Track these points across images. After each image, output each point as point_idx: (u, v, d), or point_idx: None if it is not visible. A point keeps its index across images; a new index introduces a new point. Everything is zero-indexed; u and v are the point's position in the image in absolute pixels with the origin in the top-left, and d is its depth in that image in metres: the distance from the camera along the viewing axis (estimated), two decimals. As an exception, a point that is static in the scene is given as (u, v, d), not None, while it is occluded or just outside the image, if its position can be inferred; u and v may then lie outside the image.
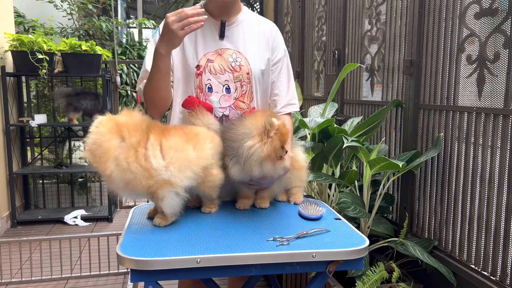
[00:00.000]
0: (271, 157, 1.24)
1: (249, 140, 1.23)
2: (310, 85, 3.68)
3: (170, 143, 1.23)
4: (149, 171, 1.18)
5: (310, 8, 3.62)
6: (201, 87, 1.48)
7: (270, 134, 1.23)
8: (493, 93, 1.62)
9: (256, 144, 1.22)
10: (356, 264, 1.15)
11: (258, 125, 1.25)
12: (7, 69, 3.65)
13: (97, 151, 1.16)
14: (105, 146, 1.15)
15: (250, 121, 1.27)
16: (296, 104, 1.63)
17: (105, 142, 1.16)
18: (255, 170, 1.24)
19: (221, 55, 1.49)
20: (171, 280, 1.11)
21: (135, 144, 1.18)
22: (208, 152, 1.29)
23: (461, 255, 1.78)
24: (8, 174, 3.65)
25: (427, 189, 2.00)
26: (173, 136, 1.25)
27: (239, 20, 1.55)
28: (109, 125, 1.18)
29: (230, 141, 1.28)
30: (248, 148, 1.22)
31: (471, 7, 1.72)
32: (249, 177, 1.31)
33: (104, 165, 1.16)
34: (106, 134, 1.17)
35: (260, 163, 1.23)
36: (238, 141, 1.25)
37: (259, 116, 1.28)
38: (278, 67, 1.59)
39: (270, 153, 1.23)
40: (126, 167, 1.16)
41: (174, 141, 1.24)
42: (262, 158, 1.22)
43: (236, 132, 1.27)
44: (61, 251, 2.65)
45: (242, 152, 1.22)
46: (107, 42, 5.57)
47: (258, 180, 1.33)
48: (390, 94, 2.31)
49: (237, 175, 1.29)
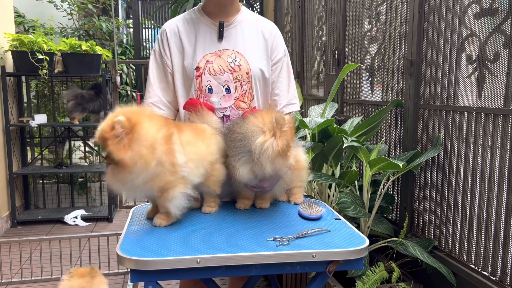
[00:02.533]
0: (284, 152, 1.23)
1: (259, 136, 1.21)
2: (310, 85, 3.68)
3: (187, 138, 1.23)
4: (174, 167, 1.16)
5: (310, 8, 3.62)
6: (201, 89, 1.48)
7: (283, 128, 1.23)
8: (493, 93, 1.62)
9: (269, 139, 1.21)
10: (356, 264, 1.15)
11: (266, 121, 1.24)
12: (7, 69, 3.65)
13: (145, 142, 1.11)
14: (153, 137, 1.12)
15: (257, 119, 1.26)
16: (296, 103, 1.63)
17: (154, 133, 1.13)
18: (268, 167, 1.22)
19: (220, 56, 1.49)
20: (171, 280, 1.11)
21: (166, 138, 1.16)
22: (214, 147, 1.32)
23: (461, 255, 1.78)
24: (8, 174, 3.65)
25: (427, 189, 2.00)
26: (187, 131, 1.25)
27: (237, 20, 1.55)
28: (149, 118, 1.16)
29: (237, 141, 1.27)
30: (260, 145, 1.20)
31: (471, 7, 1.72)
32: (256, 179, 1.29)
33: (150, 157, 1.11)
34: (153, 126, 1.14)
35: (272, 160, 1.21)
36: (246, 139, 1.23)
37: (265, 113, 1.27)
38: (278, 67, 1.59)
39: (284, 148, 1.22)
40: (163, 160, 1.14)
41: (188, 136, 1.24)
42: (276, 154, 1.21)
43: (244, 130, 1.26)
44: (61, 251, 2.65)
45: (254, 149, 1.20)
46: (107, 42, 5.58)
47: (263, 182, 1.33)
48: (390, 94, 2.31)
49: (245, 175, 1.26)
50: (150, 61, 1.56)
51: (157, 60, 1.54)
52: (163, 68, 1.53)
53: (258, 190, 1.40)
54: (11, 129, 3.67)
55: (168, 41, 1.52)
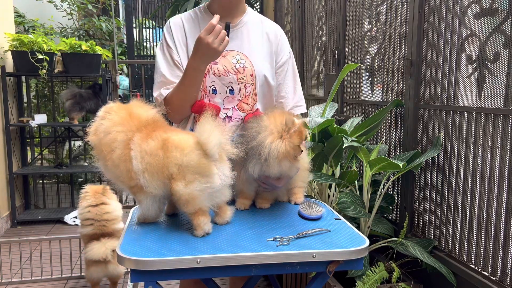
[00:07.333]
0: (290, 155, 1.25)
1: (269, 137, 1.24)
2: (310, 85, 3.68)
3: (149, 148, 1.14)
4: (130, 173, 1.15)
5: (310, 8, 3.62)
6: (206, 89, 1.48)
7: (290, 131, 1.24)
8: (493, 93, 1.62)
9: (276, 140, 1.23)
10: (356, 264, 1.15)
11: (277, 123, 1.26)
12: (7, 69, 3.65)
13: (105, 139, 1.13)
14: (113, 136, 1.13)
15: (269, 120, 1.28)
16: (303, 105, 1.63)
17: (115, 132, 1.13)
18: (275, 168, 1.25)
19: (225, 56, 1.49)
20: (171, 280, 1.11)
21: (125, 143, 1.15)
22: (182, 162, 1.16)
23: (461, 255, 1.78)
24: (8, 174, 3.65)
25: (427, 189, 2.00)
26: (153, 140, 1.16)
27: (243, 22, 1.55)
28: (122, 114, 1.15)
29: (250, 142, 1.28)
30: (269, 145, 1.22)
31: (471, 7, 1.72)
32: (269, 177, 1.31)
33: (108, 155, 1.12)
34: (118, 125, 1.14)
35: (279, 161, 1.23)
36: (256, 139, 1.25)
37: (277, 115, 1.29)
38: (284, 69, 1.59)
39: (289, 150, 1.23)
40: (118, 163, 1.14)
41: (152, 145, 1.15)
42: (282, 155, 1.22)
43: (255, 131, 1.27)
44: (61, 251, 2.65)
45: (264, 148, 1.22)
46: (107, 42, 5.57)
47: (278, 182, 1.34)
48: (390, 94, 2.31)
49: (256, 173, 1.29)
50: (157, 55, 1.54)
51: (164, 52, 1.52)
52: (171, 59, 1.52)
53: (269, 189, 1.40)
54: (11, 129, 3.67)
55: (173, 35, 1.52)
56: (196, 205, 1.13)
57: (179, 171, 1.12)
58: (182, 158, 1.12)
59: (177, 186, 1.12)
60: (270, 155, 1.22)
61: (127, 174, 1.15)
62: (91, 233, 2.20)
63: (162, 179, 1.15)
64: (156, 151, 1.14)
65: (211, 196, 1.15)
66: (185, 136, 1.18)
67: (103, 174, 1.23)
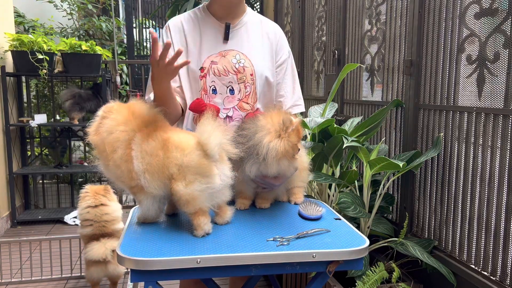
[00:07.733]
0: (289, 154, 1.25)
1: (266, 136, 1.24)
2: (310, 85, 3.68)
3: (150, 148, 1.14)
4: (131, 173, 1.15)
5: (310, 8, 3.62)
6: (206, 89, 1.48)
7: (288, 130, 1.24)
8: (493, 93, 1.62)
9: (274, 139, 1.23)
10: (356, 264, 1.15)
11: (274, 122, 1.26)
12: (7, 69, 3.65)
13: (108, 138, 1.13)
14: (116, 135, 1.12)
15: (266, 119, 1.28)
16: (301, 105, 1.64)
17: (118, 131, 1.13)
18: (273, 167, 1.25)
19: (225, 56, 1.49)
20: (171, 280, 1.11)
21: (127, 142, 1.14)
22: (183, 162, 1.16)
23: (461, 255, 1.78)
24: (8, 174, 3.65)
25: (427, 189, 2.00)
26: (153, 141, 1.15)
27: (243, 22, 1.55)
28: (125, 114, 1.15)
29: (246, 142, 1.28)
30: (267, 144, 1.22)
31: (471, 7, 1.72)
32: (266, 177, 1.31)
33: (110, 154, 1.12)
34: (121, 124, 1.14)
35: (278, 160, 1.24)
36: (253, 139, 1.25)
37: (274, 115, 1.29)
38: (283, 69, 1.59)
39: (287, 149, 1.24)
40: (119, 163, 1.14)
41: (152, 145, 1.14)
42: (281, 154, 1.23)
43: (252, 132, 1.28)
44: (61, 251, 2.65)
45: (262, 148, 1.22)
46: (107, 42, 5.57)
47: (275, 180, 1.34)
48: (390, 94, 2.31)
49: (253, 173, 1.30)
50: None
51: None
52: None
53: (268, 188, 1.40)
54: (11, 129, 3.67)
55: (172, 38, 1.51)
56: (197, 205, 1.13)
57: (180, 171, 1.12)
58: (182, 158, 1.12)
59: (177, 187, 1.12)
60: (268, 154, 1.22)
61: (128, 174, 1.15)
62: (90, 233, 2.20)
63: (162, 179, 1.15)
64: (157, 151, 1.14)
65: (211, 197, 1.15)
66: (185, 136, 1.18)
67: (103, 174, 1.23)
